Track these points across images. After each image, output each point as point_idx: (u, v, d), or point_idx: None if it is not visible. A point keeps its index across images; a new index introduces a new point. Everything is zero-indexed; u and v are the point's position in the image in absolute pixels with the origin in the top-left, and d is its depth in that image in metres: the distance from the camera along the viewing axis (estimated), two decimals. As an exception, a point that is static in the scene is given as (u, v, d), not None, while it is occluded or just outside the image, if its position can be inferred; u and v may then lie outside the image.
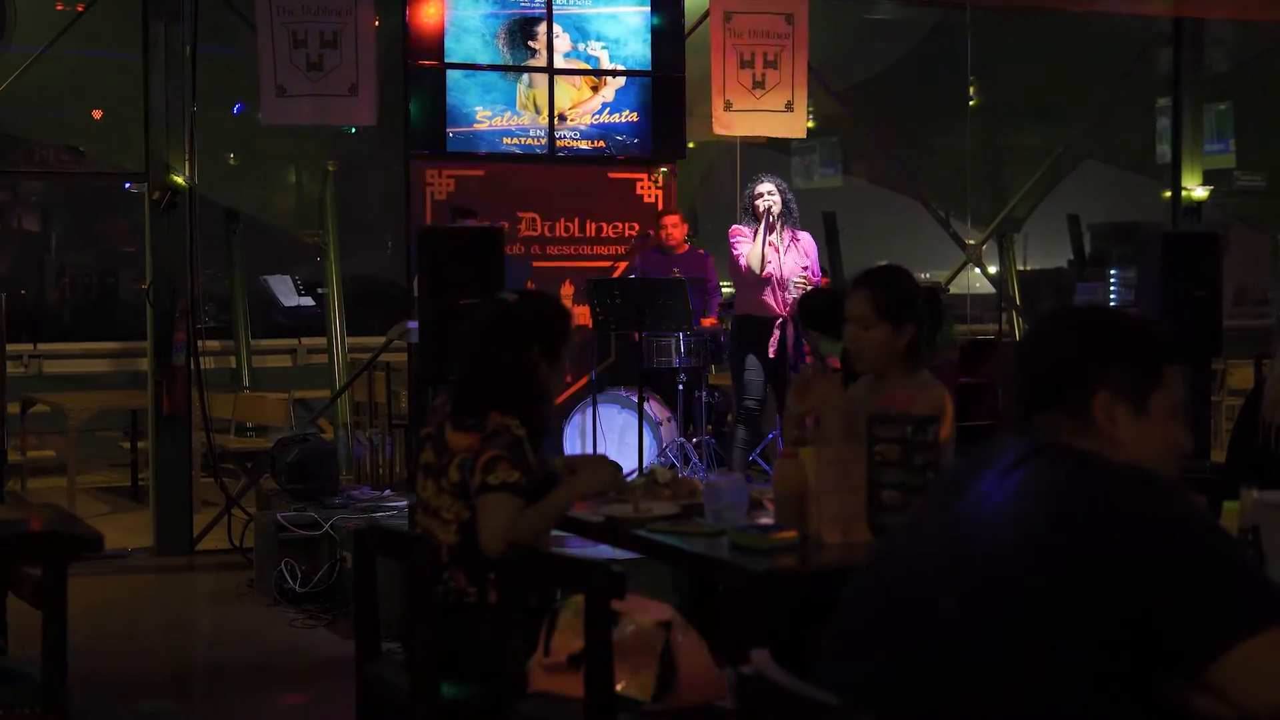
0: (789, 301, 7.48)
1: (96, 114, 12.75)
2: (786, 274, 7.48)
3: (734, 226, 7.69)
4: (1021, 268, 13.62)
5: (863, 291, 3.86)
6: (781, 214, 7.57)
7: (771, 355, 7.47)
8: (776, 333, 7.48)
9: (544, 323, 3.61)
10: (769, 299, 7.50)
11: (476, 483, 3.40)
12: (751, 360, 7.54)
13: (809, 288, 7.53)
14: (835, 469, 3.23)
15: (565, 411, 8.03)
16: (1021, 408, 2.12)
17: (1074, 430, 2.05)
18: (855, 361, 3.94)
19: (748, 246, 7.49)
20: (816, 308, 5.75)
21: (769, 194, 7.53)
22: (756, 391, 7.55)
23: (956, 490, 2.08)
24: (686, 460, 7.83)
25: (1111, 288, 13.58)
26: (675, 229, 8.51)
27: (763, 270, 7.44)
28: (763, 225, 7.47)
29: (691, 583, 3.89)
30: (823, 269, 9.45)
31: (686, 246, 8.65)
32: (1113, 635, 1.83)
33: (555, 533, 3.77)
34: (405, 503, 6.81)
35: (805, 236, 7.73)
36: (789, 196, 7.65)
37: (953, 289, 10.98)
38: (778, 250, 7.52)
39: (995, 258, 11.67)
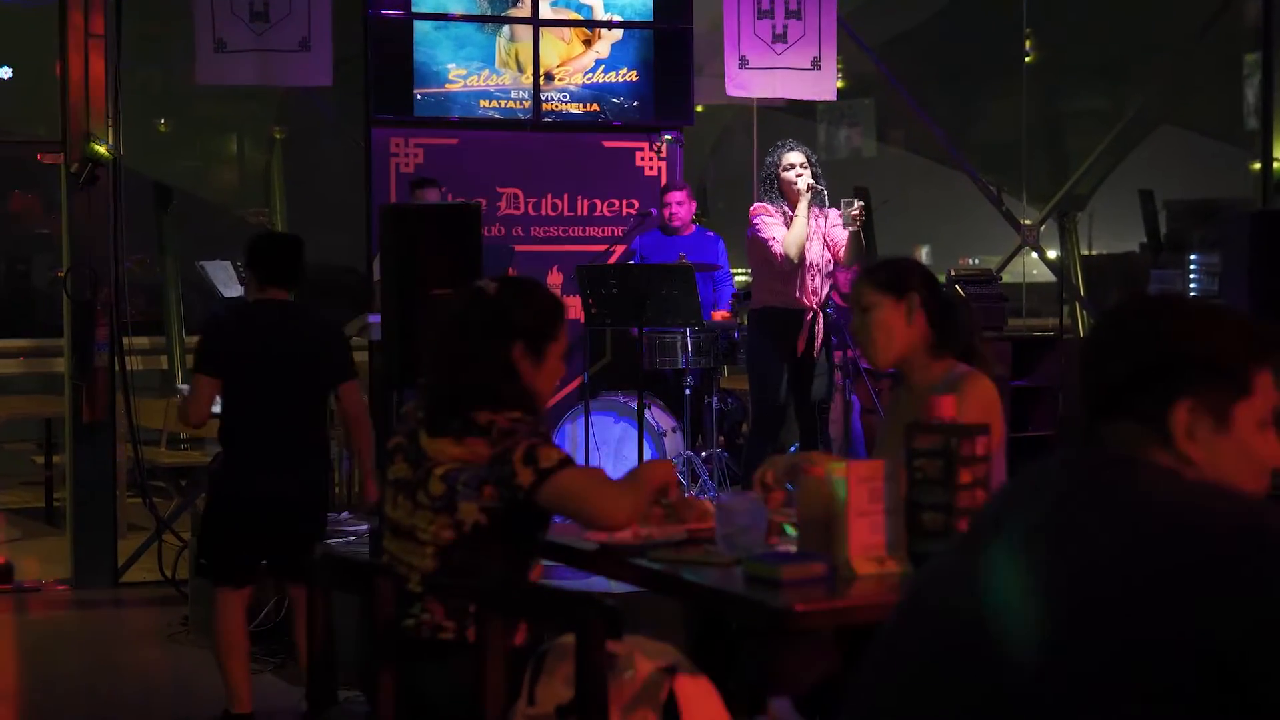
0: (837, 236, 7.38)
1: (4, 73, 12.76)
2: (812, 260, 7.45)
3: (757, 205, 7.53)
4: (1086, 252, 13.62)
5: (859, 279, 4.06)
6: (817, 191, 7.48)
7: (800, 353, 7.45)
8: (806, 328, 7.47)
9: (529, 316, 3.61)
10: (799, 290, 7.46)
11: (527, 480, 3.41)
12: (776, 361, 7.47)
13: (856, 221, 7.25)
14: (868, 488, 3.24)
15: (552, 420, 8.03)
16: (1086, 414, 2.12)
17: (1147, 443, 2.05)
18: (870, 355, 4.01)
19: (780, 230, 7.39)
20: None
21: (801, 166, 7.36)
22: (779, 397, 7.51)
23: (1009, 512, 2.09)
24: (695, 477, 7.83)
25: (1191, 275, 13.57)
26: (681, 207, 8.52)
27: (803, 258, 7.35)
28: (803, 204, 7.30)
29: (700, 620, 3.90)
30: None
31: (694, 227, 8.65)
32: (1181, 680, 1.83)
33: (541, 561, 3.78)
34: (366, 527, 6.81)
35: (834, 213, 7.65)
36: (818, 171, 7.50)
37: (1006, 276, 11.00)
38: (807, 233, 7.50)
39: (1055, 240, 11.68)
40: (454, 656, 3.44)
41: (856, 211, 7.15)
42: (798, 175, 7.32)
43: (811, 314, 7.44)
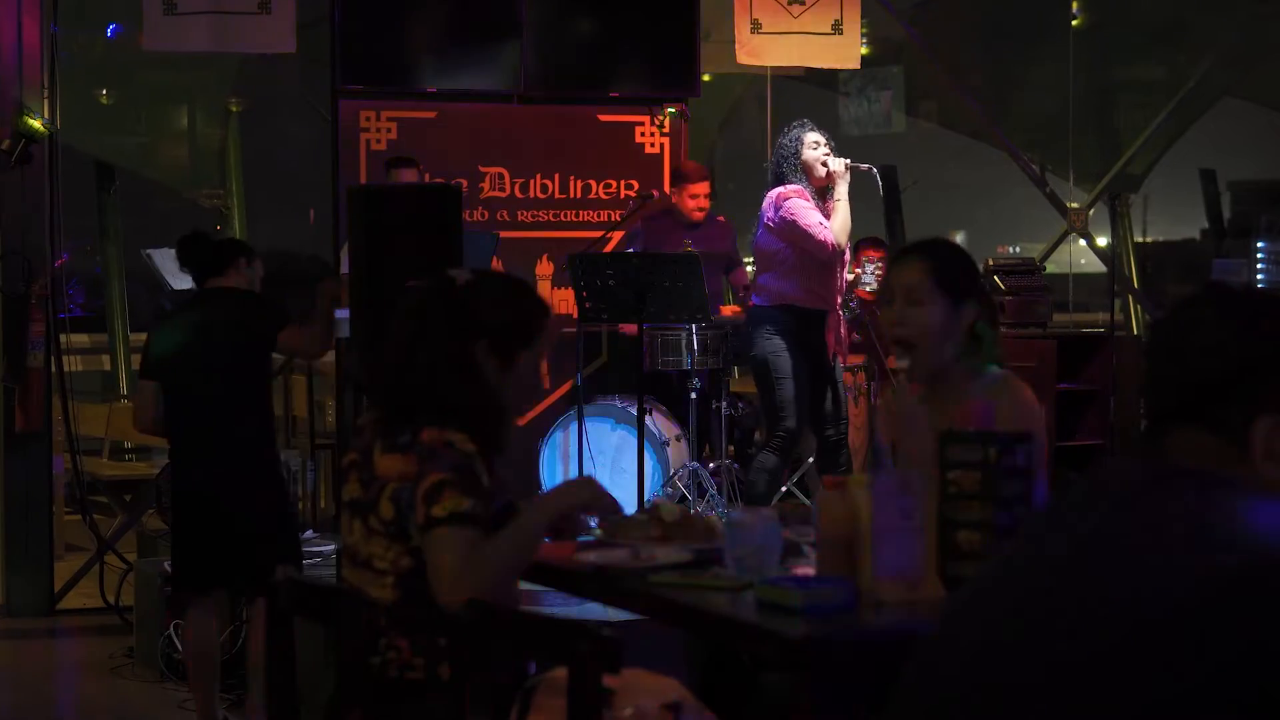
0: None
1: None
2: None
3: (791, 187, 7.40)
4: (1140, 239, 13.63)
5: (915, 259, 3.90)
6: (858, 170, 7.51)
7: (831, 354, 7.57)
8: (832, 329, 7.54)
9: (499, 312, 3.55)
10: (833, 286, 7.53)
11: (420, 518, 3.36)
12: (799, 368, 7.40)
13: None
14: (895, 504, 3.23)
15: (542, 429, 8.03)
16: (1153, 421, 2.10)
17: (1219, 455, 2.03)
18: (899, 350, 3.95)
19: (816, 216, 7.36)
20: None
21: (828, 143, 7.47)
22: (804, 410, 7.44)
23: (1055, 531, 2.09)
24: (702, 492, 7.83)
25: (1259, 265, 13.59)
26: (706, 200, 8.42)
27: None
28: (843, 187, 7.37)
29: (708, 652, 3.90)
30: (878, 240, 9.45)
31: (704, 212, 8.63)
32: (1225, 709, 1.84)
33: (529, 586, 3.76)
34: (332, 546, 6.82)
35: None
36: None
37: (1050, 266, 11.01)
38: None
39: (1106, 226, 11.69)
40: (424, 697, 3.41)
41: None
42: (826, 154, 7.39)
43: (833, 313, 7.52)
